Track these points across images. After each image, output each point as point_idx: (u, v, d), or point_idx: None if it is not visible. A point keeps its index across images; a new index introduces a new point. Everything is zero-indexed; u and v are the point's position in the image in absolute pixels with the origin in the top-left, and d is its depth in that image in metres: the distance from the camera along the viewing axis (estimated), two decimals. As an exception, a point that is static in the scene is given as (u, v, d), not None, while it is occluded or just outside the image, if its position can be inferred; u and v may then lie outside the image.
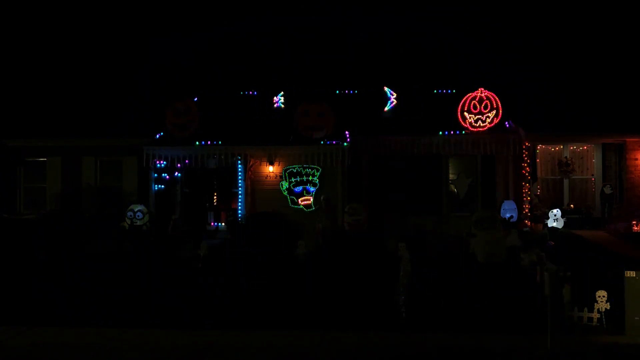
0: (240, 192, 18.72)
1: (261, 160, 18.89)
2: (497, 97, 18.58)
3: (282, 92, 20.73)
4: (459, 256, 14.32)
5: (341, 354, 10.00)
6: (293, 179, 18.65)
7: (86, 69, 26.00)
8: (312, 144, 18.43)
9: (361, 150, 18.77)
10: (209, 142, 18.59)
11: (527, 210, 18.31)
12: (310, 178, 18.58)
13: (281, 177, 18.76)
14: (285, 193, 18.67)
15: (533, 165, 19.36)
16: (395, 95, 20.34)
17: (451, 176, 19.09)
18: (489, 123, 18.46)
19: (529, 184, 18.69)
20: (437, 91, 21.29)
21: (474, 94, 18.61)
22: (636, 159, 19.02)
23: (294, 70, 25.30)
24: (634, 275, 11.04)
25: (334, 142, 18.46)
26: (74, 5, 29.73)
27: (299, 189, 18.59)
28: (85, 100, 22.33)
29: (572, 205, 19.29)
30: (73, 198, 19.97)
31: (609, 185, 19.04)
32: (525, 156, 18.63)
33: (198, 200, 19.26)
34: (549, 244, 15.20)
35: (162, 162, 18.70)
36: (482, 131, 18.48)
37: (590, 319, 11.46)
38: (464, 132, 18.54)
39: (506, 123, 18.88)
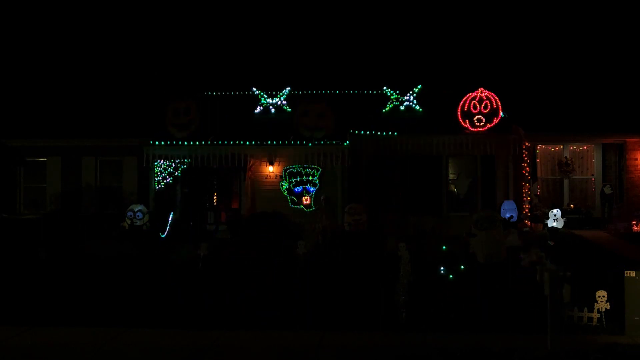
0: (240, 192, 18.72)
1: (261, 160, 18.89)
2: (497, 97, 18.58)
3: (282, 92, 20.72)
4: (459, 256, 14.32)
5: (341, 354, 10.00)
6: (293, 179, 18.66)
7: (86, 68, 26.00)
8: (312, 144, 18.44)
9: (361, 150, 18.76)
10: (208, 142, 18.59)
11: (527, 210, 18.31)
12: (310, 178, 18.58)
13: (281, 177, 18.77)
14: (285, 193, 18.68)
15: (533, 165, 19.37)
16: (395, 95, 20.34)
17: (451, 176, 19.08)
18: (489, 123, 18.46)
19: (529, 184, 18.69)
20: (437, 91, 21.24)
21: (474, 94, 18.60)
22: (636, 159, 19.01)
23: (294, 70, 25.29)
24: (634, 275, 11.05)
25: (334, 142, 18.47)
26: (74, 5, 29.74)
27: (299, 189, 18.60)
28: (85, 100, 22.30)
29: (572, 205, 19.28)
30: (73, 198, 19.94)
31: (609, 185, 19.04)
32: (525, 156, 18.63)
33: (198, 200, 19.25)
34: (549, 244, 15.20)
35: (162, 161, 18.71)
36: (482, 131, 18.47)
37: (590, 319, 11.47)
38: (464, 132, 18.54)
39: (506, 123, 18.87)
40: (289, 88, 20.82)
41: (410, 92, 20.31)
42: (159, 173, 18.81)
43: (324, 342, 10.66)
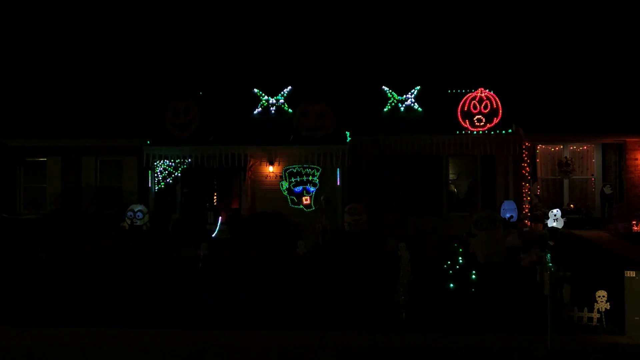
0: (240, 192, 18.72)
1: (261, 160, 18.90)
2: (497, 97, 18.58)
3: (282, 92, 20.72)
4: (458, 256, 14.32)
5: (341, 355, 10.00)
6: (293, 179, 18.66)
7: (86, 68, 25.99)
8: (312, 144, 18.45)
9: (361, 150, 18.78)
10: (208, 142, 18.59)
11: (527, 210, 18.32)
12: (310, 178, 18.59)
13: (281, 177, 18.77)
14: (285, 193, 18.68)
15: (533, 165, 19.36)
16: (394, 95, 20.33)
17: (451, 176, 19.09)
18: (489, 123, 18.47)
19: (529, 184, 18.70)
20: (437, 91, 21.24)
21: (474, 94, 18.62)
22: (636, 159, 19.00)
23: (294, 70, 25.28)
24: (634, 275, 11.05)
25: (334, 142, 18.46)
26: (74, 5, 29.74)
27: (299, 189, 18.60)
28: (85, 100, 22.30)
29: (572, 205, 19.28)
30: (73, 198, 19.94)
31: (609, 185, 19.04)
32: (525, 156, 18.64)
33: (198, 200, 19.26)
34: (549, 244, 15.20)
35: (162, 161, 18.71)
36: (482, 131, 18.48)
37: (590, 319, 11.47)
38: (464, 132, 18.54)
39: (506, 123, 18.88)
40: (289, 88, 20.81)
41: (410, 92, 20.31)
42: (159, 173, 18.82)
43: (324, 342, 10.66)
